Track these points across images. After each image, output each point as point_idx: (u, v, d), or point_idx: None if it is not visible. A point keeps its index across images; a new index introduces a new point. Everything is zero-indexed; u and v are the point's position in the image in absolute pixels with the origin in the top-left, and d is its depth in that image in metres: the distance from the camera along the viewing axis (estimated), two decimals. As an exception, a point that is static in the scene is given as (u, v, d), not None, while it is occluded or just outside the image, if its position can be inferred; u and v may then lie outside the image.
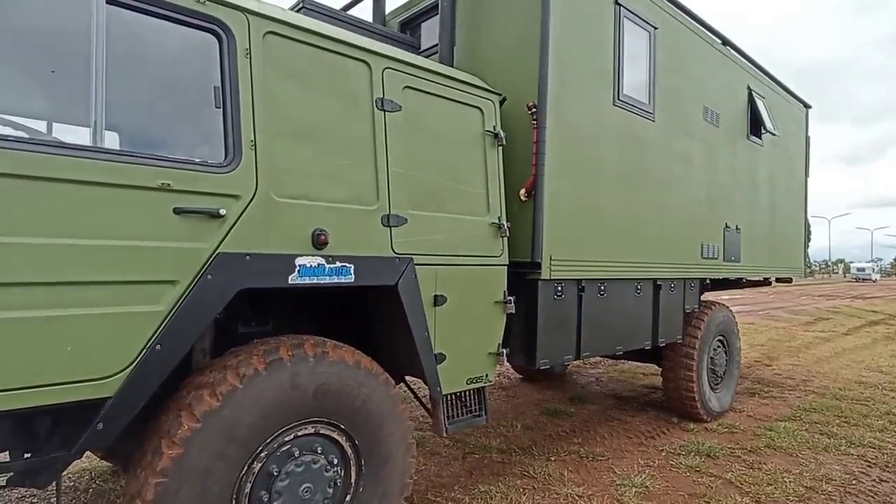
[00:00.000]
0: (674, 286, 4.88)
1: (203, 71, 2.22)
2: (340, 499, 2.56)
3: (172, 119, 2.22)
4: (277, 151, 2.36)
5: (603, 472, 4.14)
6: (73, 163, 1.84)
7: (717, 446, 4.68)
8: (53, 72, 1.88)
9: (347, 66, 2.65)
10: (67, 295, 1.82)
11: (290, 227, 2.38)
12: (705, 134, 5.16)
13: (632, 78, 4.21)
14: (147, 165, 2.00)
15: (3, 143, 1.73)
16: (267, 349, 2.32)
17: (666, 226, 4.61)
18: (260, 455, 2.26)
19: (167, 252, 2.03)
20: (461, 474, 4.06)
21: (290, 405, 2.30)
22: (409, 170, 2.85)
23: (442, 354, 2.98)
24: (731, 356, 5.99)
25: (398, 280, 2.73)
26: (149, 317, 1.98)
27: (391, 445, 2.69)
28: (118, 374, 1.91)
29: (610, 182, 4.02)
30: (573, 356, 3.86)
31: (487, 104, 3.29)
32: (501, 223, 3.28)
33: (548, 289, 3.58)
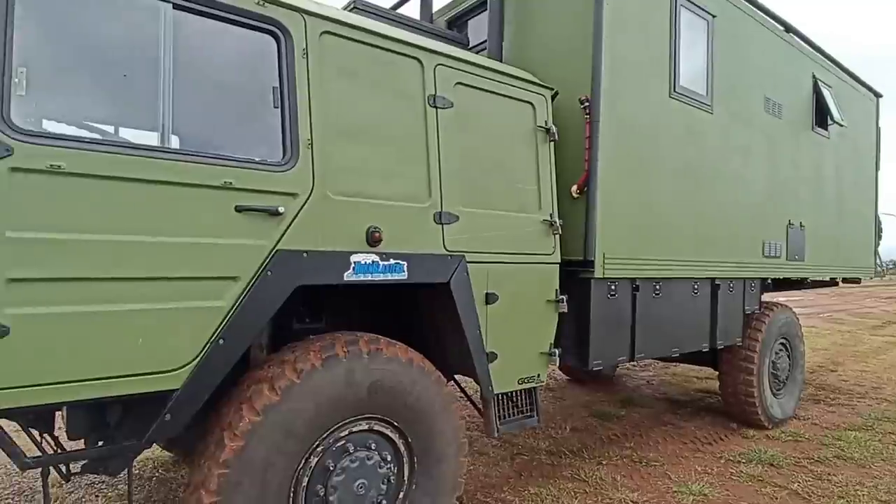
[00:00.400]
0: (733, 286, 4.66)
1: (262, 72, 2.26)
2: (394, 496, 2.56)
3: (233, 119, 2.28)
4: (333, 150, 2.38)
5: (658, 478, 4.00)
6: (143, 163, 1.92)
7: (780, 455, 4.45)
8: (125, 76, 1.95)
9: (400, 63, 2.65)
10: (139, 290, 1.89)
11: (345, 224, 2.40)
12: (767, 126, 4.90)
13: (689, 69, 4.04)
14: (210, 165, 2.05)
15: (79, 145, 1.81)
16: (323, 345, 2.35)
17: (725, 222, 4.41)
18: (316, 449, 2.29)
19: (229, 249, 2.08)
20: (510, 475, 4.01)
21: (345, 401, 2.32)
22: (460, 167, 2.83)
23: (494, 353, 2.94)
24: (795, 360, 5.68)
25: (450, 277, 2.71)
26: (213, 312, 2.04)
27: (444, 444, 2.67)
28: (184, 367, 1.97)
29: (666, 177, 3.87)
30: (627, 357, 3.74)
31: (539, 99, 3.23)
32: (553, 220, 3.21)
33: (601, 288, 3.49)
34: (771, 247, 4.94)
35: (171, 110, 2.00)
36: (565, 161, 3.41)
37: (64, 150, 1.77)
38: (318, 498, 2.31)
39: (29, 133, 1.73)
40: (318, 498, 2.31)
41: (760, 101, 4.85)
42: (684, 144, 4.03)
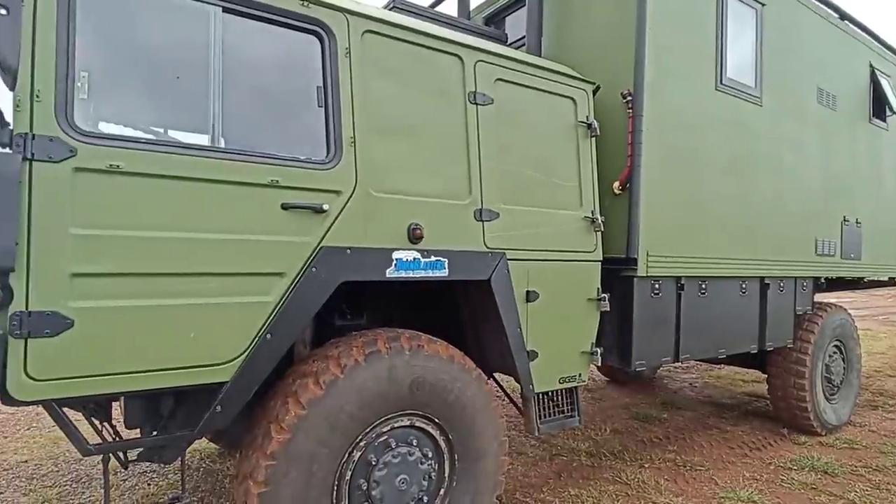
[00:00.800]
0: (783, 285, 4.47)
1: (306, 72, 2.30)
2: (434, 492, 2.57)
3: (279, 118, 2.33)
4: (375, 148, 2.41)
5: (703, 483, 3.88)
6: (195, 162, 1.98)
7: (835, 462, 4.24)
8: (178, 78, 2.02)
9: (440, 61, 2.65)
10: (190, 285, 1.95)
11: (388, 221, 2.41)
12: (820, 118, 4.68)
13: (736, 60, 3.90)
14: (258, 163, 2.10)
15: (135, 146, 1.89)
16: (365, 341, 2.38)
17: (775, 219, 4.23)
18: (359, 444, 2.32)
19: (276, 245, 2.12)
20: (549, 476, 3.97)
21: (388, 396, 2.34)
22: (501, 164, 2.81)
23: (534, 352, 2.91)
24: (850, 364, 5.40)
25: (491, 275, 2.69)
26: (260, 307, 2.09)
27: (484, 442, 2.66)
28: (234, 361, 2.03)
29: (712, 172, 3.74)
30: (671, 358, 3.64)
31: (580, 94, 3.18)
32: (595, 217, 3.15)
33: (644, 286, 3.40)
34: (824, 245, 4.72)
35: (221, 111, 2.06)
36: (607, 157, 3.34)
37: (122, 151, 1.85)
38: (361, 492, 2.34)
39: (90, 135, 1.82)
40: (360, 492, 2.34)
41: (813, 92, 4.64)
42: (732, 138, 3.88)
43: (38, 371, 1.70)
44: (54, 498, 3.43)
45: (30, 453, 4.19)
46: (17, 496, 3.47)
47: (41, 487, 3.59)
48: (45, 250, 1.72)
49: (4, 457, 4.10)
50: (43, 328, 1.70)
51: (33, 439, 4.50)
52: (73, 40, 1.80)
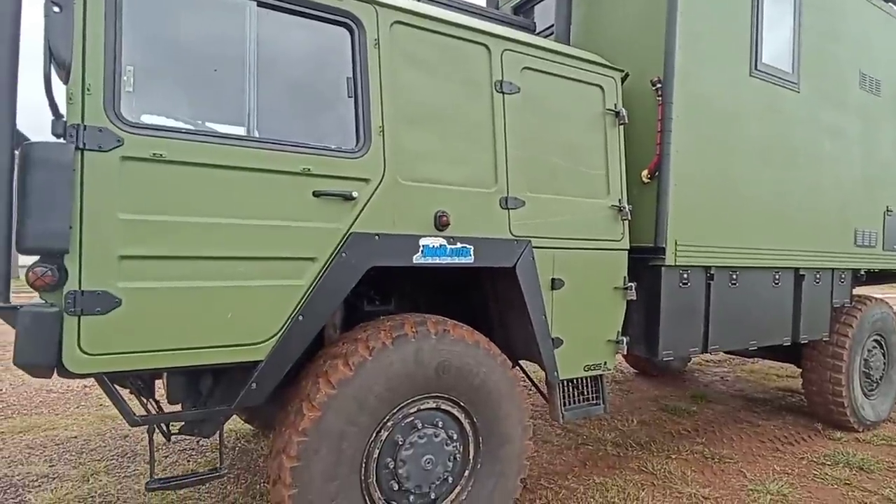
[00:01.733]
0: (819, 277, 4.35)
1: (337, 63, 2.37)
2: (459, 473, 2.63)
3: (310, 109, 2.41)
4: (403, 137, 2.46)
5: (731, 476, 3.84)
6: (232, 151, 2.07)
7: (871, 459, 4.13)
8: (216, 70, 2.12)
9: (467, 50, 2.68)
10: (228, 269, 2.06)
11: (415, 208, 2.47)
12: (862, 104, 4.52)
13: (772, 45, 3.80)
14: (291, 152, 2.19)
15: (177, 135, 1.99)
16: (393, 325, 2.45)
17: (811, 209, 4.12)
18: (386, 424, 2.40)
19: (308, 231, 2.21)
20: (574, 464, 3.99)
21: (414, 378, 2.41)
22: (527, 152, 2.83)
23: (559, 339, 2.94)
24: (891, 359, 5.22)
25: (516, 262, 2.73)
26: (293, 290, 2.18)
27: (509, 426, 2.71)
28: (269, 341, 2.13)
29: (745, 160, 3.67)
30: (700, 349, 3.60)
31: (608, 81, 3.16)
32: (622, 206, 3.14)
33: (672, 276, 3.37)
34: (864, 236, 4.57)
35: (256, 102, 2.15)
36: (636, 145, 3.32)
37: (164, 140, 1.96)
38: (388, 470, 2.42)
39: (135, 125, 1.93)
40: (387, 470, 2.42)
41: (855, 77, 4.47)
42: (766, 126, 3.79)
43: (90, 346, 1.83)
44: (102, 471, 3.64)
45: (79, 430, 4.44)
46: (68, 469, 3.69)
47: (90, 461, 3.82)
48: (95, 234, 1.84)
49: (56, 432, 4.36)
50: (94, 306, 1.83)
51: (82, 417, 4.77)
52: (119, 36, 1.91)
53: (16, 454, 3.90)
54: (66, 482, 3.47)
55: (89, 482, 3.48)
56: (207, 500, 3.28)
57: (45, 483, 3.46)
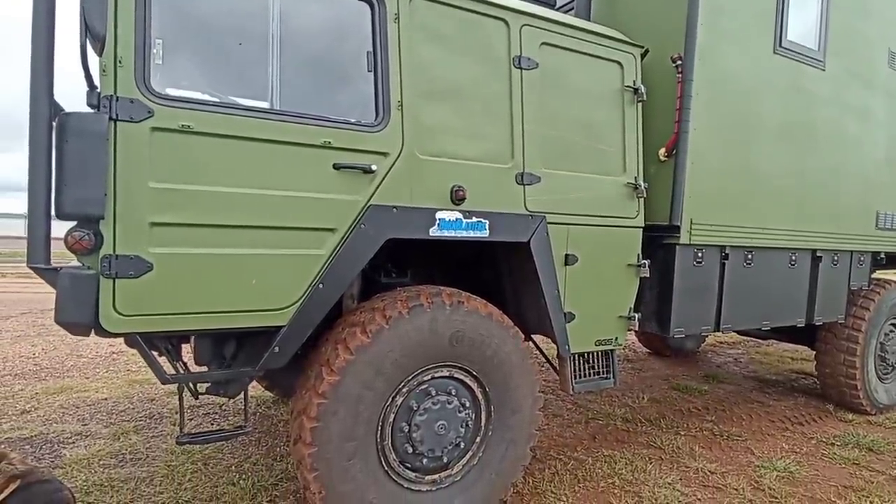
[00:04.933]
0: (837, 259, 4.32)
1: (357, 37, 2.41)
2: (471, 439, 2.73)
3: (332, 83, 2.45)
4: (421, 111, 2.50)
5: (739, 452, 3.90)
6: (256, 123, 2.14)
7: (882, 441, 4.15)
8: (241, 44, 2.18)
9: (486, 25, 2.69)
10: (252, 237, 2.14)
11: (432, 182, 2.53)
12: (891, 83, 4.41)
13: (798, 21, 3.72)
14: (312, 126, 2.25)
15: (204, 108, 2.06)
16: (409, 295, 2.53)
17: (832, 190, 4.08)
18: (402, 390, 2.50)
19: (328, 203, 2.28)
20: (584, 437, 4.08)
21: (429, 347, 2.49)
22: (544, 128, 2.85)
23: (571, 314, 3.00)
24: (908, 344, 5.18)
25: (531, 237, 2.78)
26: (314, 259, 2.26)
27: (520, 396, 2.79)
28: (290, 307, 2.23)
29: (765, 139, 3.64)
30: (712, 327, 3.63)
31: (627, 58, 3.15)
32: (638, 184, 3.16)
33: (686, 254, 3.39)
34: (886, 218, 4.51)
35: (279, 76, 2.21)
36: (654, 122, 3.31)
37: (191, 112, 2.03)
38: (403, 434, 2.53)
39: (165, 97, 2.00)
40: (402, 434, 2.53)
41: (884, 55, 4.36)
42: (789, 105, 3.74)
43: (124, 307, 1.94)
44: (131, 430, 3.84)
45: (108, 392, 4.66)
46: (100, 427, 3.89)
47: (120, 421, 4.02)
48: (128, 201, 1.93)
49: (87, 394, 4.58)
50: (128, 270, 1.93)
51: (111, 380, 4.99)
52: (149, 10, 1.97)
53: (50, 413, 4.12)
54: (99, 440, 3.67)
55: (120, 440, 3.67)
56: (230, 459, 3.45)
57: (78, 440, 3.66)
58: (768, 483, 3.41)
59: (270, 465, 3.39)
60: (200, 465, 3.35)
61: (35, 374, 5.15)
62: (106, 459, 3.39)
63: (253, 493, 3.04)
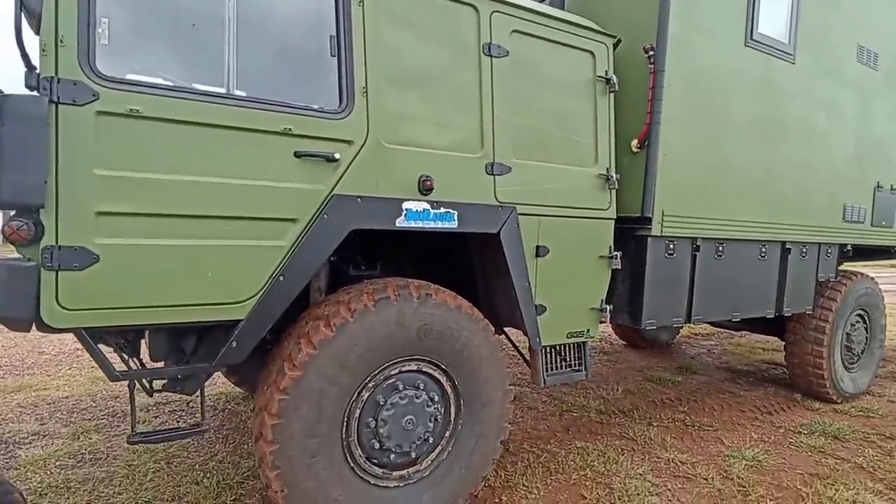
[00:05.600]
0: (806, 251, 4.38)
1: (320, 20, 2.32)
2: (440, 434, 2.69)
3: (293, 68, 2.36)
4: (387, 98, 2.43)
5: (709, 442, 3.93)
6: (211, 109, 2.05)
7: (847, 429, 4.24)
8: (194, 25, 2.07)
9: (455, 10, 2.62)
10: (208, 227, 2.05)
11: (398, 172, 2.46)
12: (859, 78, 4.47)
13: (769, 14, 3.73)
14: (271, 111, 2.16)
15: (154, 91, 1.96)
16: (376, 288, 2.46)
17: (801, 183, 4.12)
18: (368, 384, 2.44)
19: (289, 192, 2.20)
20: (557, 429, 4.08)
21: (396, 341, 2.43)
22: (514, 118, 2.80)
23: (542, 306, 2.97)
24: (873, 334, 5.31)
25: (500, 228, 2.73)
26: (274, 251, 2.18)
27: (490, 389, 2.76)
28: (249, 300, 2.14)
29: (736, 132, 3.65)
30: (683, 319, 3.64)
31: (600, 48, 3.11)
32: (610, 175, 3.13)
33: (658, 246, 3.39)
34: (853, 211, 4.58)
35: (236, 59, 2.11)
36: (627, 113, 3.29)
37: (141, 96, 1.93)
38: (369, 429, 2.47)
39: (111, 79, 1.90)
40: (368, 429, 2.47)
41: (853, 49, 4.42)
42: (760, 97, 3.76)
43: (68, 301, 1.84)
44: (92, 429, 3.70)
45: (70, 390, 4.50)
46: (58, 427, 3.75)
47: (80, 420, 3.88)
48: (71, 189, 1.83)
49: (48, 392, 4.42)
50: (71, 261, 1.83)
51: (73, 378, 4.83)
52: (93, -14, 1.85)
53: (6, 413, 3.95)
54: (57, 439, 3.54)
55: (79, 440, 3.54)
56: (195, 457, 3.35)
57: (35, 440, 3.52)
58: (737, 472, 3.45)
59: (237, 463, 3.30)
60: (163, 463, 3.25)
61: (-7, 371, 4.95)
62: (63, 460, 3.26)
63: (217, 491, 2.96)
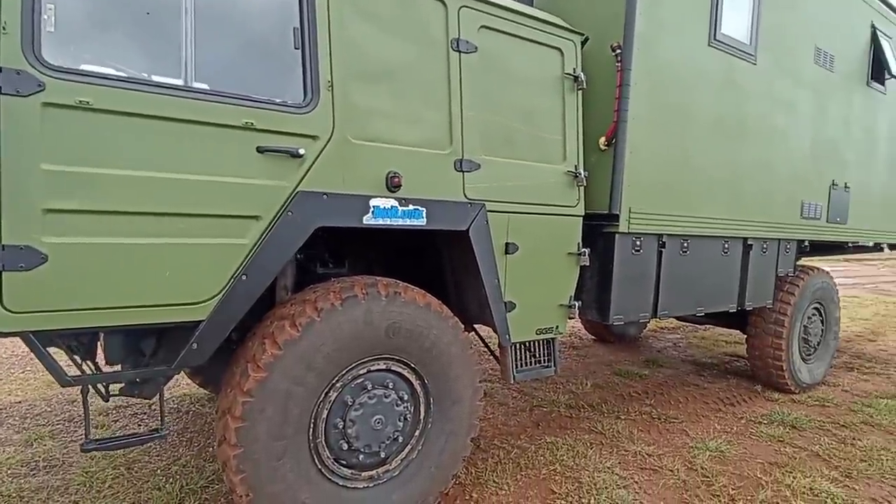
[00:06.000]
0: (766, 247, 4.52)
1: (283, 12, 2.25)
2: (410, 433, 2.67)
3: (254, 60, 2.28)
4: (353, 93, 2.38)
5: (675, 434, 4.02)
6: (167, 101, 1.96)
7: (804, 418, 4.40)
8: (148, 13, 1.98)
9: (423, 5, 2.59)
10: (165, 225, 1.97)
11: (365, 168, 2.41)
12: (816, 79, 4.62)
13: (732, 14, 3.81)
14: (232, 105, 2.09)
15: (106, 82, 1.87)
16: (343, 286, 2.42)
17: (762, 181, 4.24)
18: (335, 385, 2.39)
19: (251, 189, 2.13)
20: (528, 425, 4.11)
21: (364, 340, 2.40)
22: (483, 114, 2.79)
23: (511, 303, 2.97)
24: (829, 326, 5.52)
25: (469, 225, 2.72)
26: (236, 249, 2.11)
27: (460, 387, 2.75)
28: (209, 301, 2.07)
29: (700, 131, 3.72)
30: (650, 314, 3.71)
31: (568, 45, 3.12)
32: (578, 172, 3.15)
33: (625, 242, 3.44)
34: (810, 208, 4.74)
35: (194, 51, 2.03)
36: (594, 111, 3.31)
37: (91, 87, 1.84)
38: (337, 430, 2.43)
39: (59, 69, 1.80)
40: (336, 430, 2.43)
41: (810, 52, 4.56)
42: (722, 97, 3.84)
43: (14, 303, 1.74)
44: (46, 435, 3.55)
45: (24, 394, 4.30)
46: (10, 434, 3.58)
47: (34, 426, 3.71)
48: (16, 185, 1.73)
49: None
50: (17, 262, 1.73)
51: (27, 382, 4.62)
52: (37, -30, 1.75)
53: (-46, 420, 3.76)
54: (9, 446, 3.38)
55: (33, 446, 3.39)
56: (157, 462, 3.25)
57: (-15, 448, 3.36)
58: (701, 463, 3.54)
59: (201, 467, 3.21)
60: (123, 469, 3.14)
61: (-61, 377, 4.70)
62: (16, 468, 3.12)
63: (181, 497, 2.87)
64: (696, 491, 3.20)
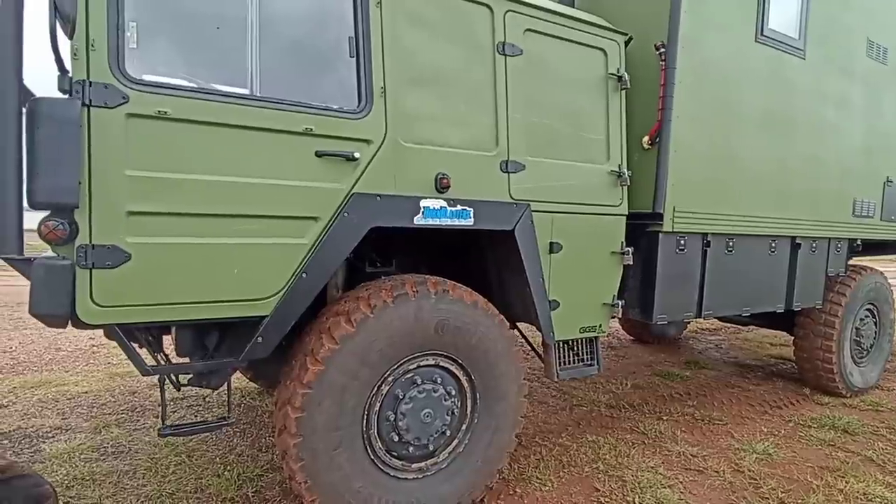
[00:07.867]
0: (816, 246, 4.40)
1: (339, 22, 2.36)
2: (457, 427, 2.75)
3: (313, 69, 2.40)
4: (404, 98, 2.47)
5: (720, 436, 3.98)
6: (235, 110, 2.10)
7: (856, 422, 4.27)
8: (218, 28, 2.12)
9: (470, 10, 2.66)
10: (233, 226, 2.11)
11: (416, 170, 2.50)
12: (868, 73, 4.47)
13: (780, 10, 3.74)
14: (293, 112, 2.21)
15: (181, 93, 2.01)
16: (394, 284, 2.51)
17: (811, 178, 4.14)
18: (387, 379, 2.49)
19: (311, 191, 2.25)
20: (568, 423, 4.13)
21: (414, 336, 2.49)
22: (528, 116, 2.84)
23: (556, 301, 3.01)
24: (882, 328, 5.32)
25: (515, 225, 2.77)
26: (297, 248, 2.23)
27: (505, 383, 2.81)
28: (273, 297, 2.20)
29: (746, 128, 3.67)
30: (694, 314, 3.68)
31: (611, 45, 3.14)
32: (622, 172, 3.17)
33: (669, 242, 3.42)
34: (863, 206, 4.60)
35: (258, 61, 2.16)
36: (639, 110, 3.32)
37: (168, 98, 1.98)
38: (389, 423, 2.53)
39: (140, 82, 1.95)
40: (388, 423, 2.52)
41: (862, 44, 4.42)
42: (770, 93, 3.78)
43: (102, 298, 1.90)
44: (113, 423, 3.78)
45: (89, 386, 4.58)
46: (80, 421, 3.83)
47: (101, 414, 3.96)
48: (103, 190, 1.88)
49: (66, 388, 4.50)
50: (104, 260, 1.88)
51: (91, 374, 4.91)
52: (122, -8, 1.90)
53: (28, 407, 4.04)
54: (79, 433, 3.61)
55: (101, 434, 3.62)
56: (215, 451, 3.42)
57: (58, 434, 3.60)
58: (748, 465, 3.49)
59: (255, 456, 3.37)
60: (184, 457, 3.32)
61: (12, 368, 5.04)
62: (87, 453, 3.34)
63: (238, 483, 3.02)
64: (744, 493, 3.17)
